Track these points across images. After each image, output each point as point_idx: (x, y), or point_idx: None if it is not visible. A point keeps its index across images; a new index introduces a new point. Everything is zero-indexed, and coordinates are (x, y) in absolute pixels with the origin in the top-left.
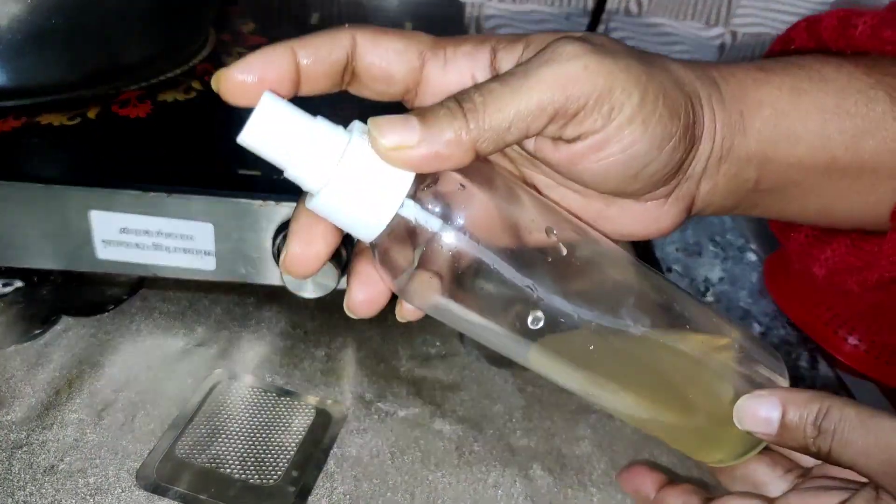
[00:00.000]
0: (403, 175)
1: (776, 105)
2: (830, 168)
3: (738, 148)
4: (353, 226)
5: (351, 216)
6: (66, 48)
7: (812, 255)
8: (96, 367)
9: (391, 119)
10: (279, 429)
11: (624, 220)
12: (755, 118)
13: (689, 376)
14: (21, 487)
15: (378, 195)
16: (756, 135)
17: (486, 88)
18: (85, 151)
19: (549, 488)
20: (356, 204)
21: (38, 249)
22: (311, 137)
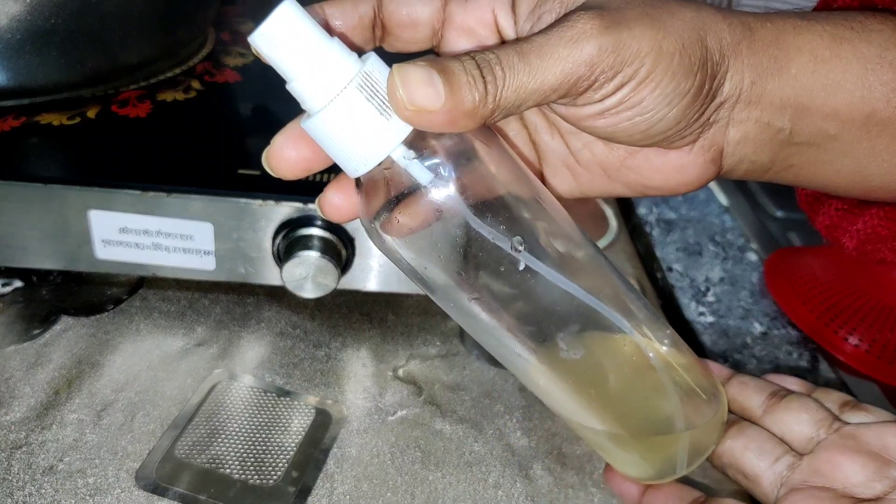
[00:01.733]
0: (401, 125)
1: (815, 51)
2: (869, 122)
3: (770, 93)
4: (341, 157)
5: (343, 147)
6: (66, 48)
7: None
8: (96, 367)
9: (417, 75)
10: (279, 429)
11: (646, 171)
12: (791, 63)
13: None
14: (20, 487)
15: (375, 133)
16: (792, 80)
17: (507, 62)
18: (84, 151)
19: (550, 488)
20: (351, 136)
21: (37, 249)
22: (323, 55)
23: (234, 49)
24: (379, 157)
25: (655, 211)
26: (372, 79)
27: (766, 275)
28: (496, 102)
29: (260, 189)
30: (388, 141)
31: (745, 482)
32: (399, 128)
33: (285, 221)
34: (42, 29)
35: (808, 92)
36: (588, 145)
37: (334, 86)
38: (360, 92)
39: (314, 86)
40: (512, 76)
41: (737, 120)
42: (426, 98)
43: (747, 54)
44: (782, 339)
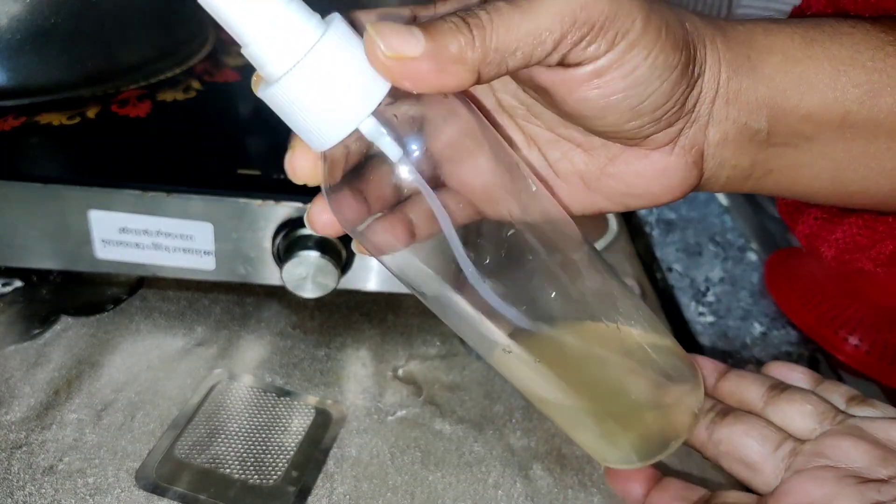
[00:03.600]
0: (374, 87)
1: (787, 52)
2: (844, 124)
3: (746, 91)
4: (304, 129)
5: (305, 119)
6: (66, 48)
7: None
8: (96, 366)
9: (394, 26)
10: (279, 429)
11: (628, 177)
12: (765, 63)
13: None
14: (20, 487)
15: (341, 103)
16: (766, 80)
17: (493, 7)
18: (84, 151)
19: (550, 488)
20: (314, 107)
21: (37, 249)
22: (283, 16)
23: (233, 49)
24: (349, 127)
25: (655, 211)
26: (340, 40)
27: (766, 275)
28: (486, 45)
29: (259, 189)
30: (359, 109)
31: (743, 471)
32: (368, 95)
33: (285, 221)
34: (42, 29)
35: (781, 92)
36: (567, 154)
37: (298, 48)
38: (324, 58)
39: (275, 49)
40: (500, 18)
41: (716, 119)
42: (404, 43)
43: (722, 49)
44: (782, 339)
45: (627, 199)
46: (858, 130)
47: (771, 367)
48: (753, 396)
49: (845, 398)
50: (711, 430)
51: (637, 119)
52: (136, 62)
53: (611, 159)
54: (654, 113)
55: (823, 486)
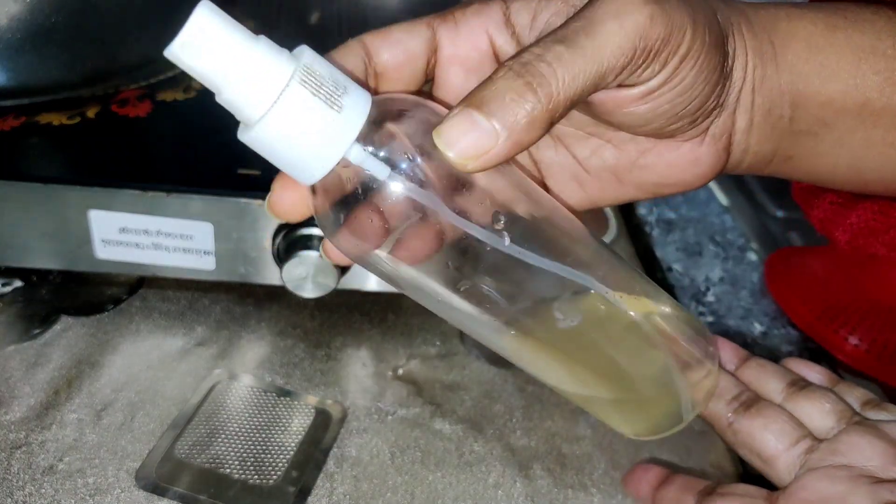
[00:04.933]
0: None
1: (809, 39)
2: (864, 111)
3: (770, 78)
4: (292, 165)
5: (293, 153)
6: (66, 47)
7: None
8: (95, 366)
9: (456, 126)
10: (279, 429)
11: (660, 168)
12: (787, 50)
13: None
14: (20, 487)
15: (323, 138)
16: (788, 67)
17: (551, 54)
18: (84, 151)
19: (550, 488)
20: (296, 145)
21: (37, 249)
22: (254, 57)
23: None
24: (336, 156)
25: (655, 211)
26: (313, 72)
27: (766, 275)
28: (555, 98)
29: (260, 189)
30: (344, 136)
31: (759, 463)
32: (352, 120)
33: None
34: (42, 28)
35: (803, 79)
36: (597, 151)
37: (273, 88)
38: (304, 87)
39: (250, 92)
40: (562, 66)
41: (743, 106)
42: (476, 141)
43: (748, 37)
44: (782, 338)
45: (659, 188)
46: (878, 118)
47: (790, 363)
48: (773, 389)
49: (861, 401)
50: (733, 419)
51: (679, 121)
52: (135, 62)
53: (642, 153)
54: (695, 113)
55: (836, 484)
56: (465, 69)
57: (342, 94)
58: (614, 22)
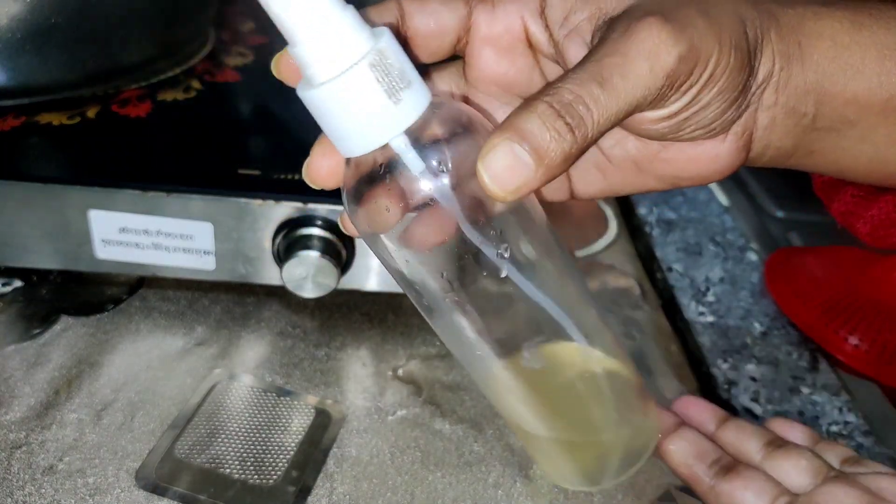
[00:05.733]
0: (408, 112)
1: (835, 37)
2: (888, 108)
3: (795, 78)
4: (338, 134)
5: (342, 125)
6: (66, 48)
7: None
8: (95, 366)
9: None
10: (279, 429)
11: (681, 163)
12: (814, 49)
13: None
14: (20, 487)
15: (379, 116)
16: (814, 66)
17: (589, 97)
18: (84, 151)
19: (549, 488)
20: (354, 116)
21: (37, 249)
22: (338, 23)
23: (234, 49)
24: (380, 141)
25: (656, 211)
26: (385, 58)
27: (766, 275)
28: (586, 137)
29: (260, 189)
30: (393, 126)
31: None
32: (406, 114)
33: (285, 221)
34: (42, 28)
35: (829, 77)
36: (620, 142)
37: (345, 59)
38: (372, 71)
39: (322, 55)
40: (597, 108)
41: (765, 104)
42: (519, 178)
43: (776, 41)
44: (782, 339)
45: (678, 180)
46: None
47: (772, 423)
48: (752, 449)
49: (840, 458)
50: (714, 482)
51: (699, 130)
52: (136, 62)
53: (664, 146)
54: (713, 124)
55: None
56: (497, 51)
57: (404, 88)
58: (646, 63)
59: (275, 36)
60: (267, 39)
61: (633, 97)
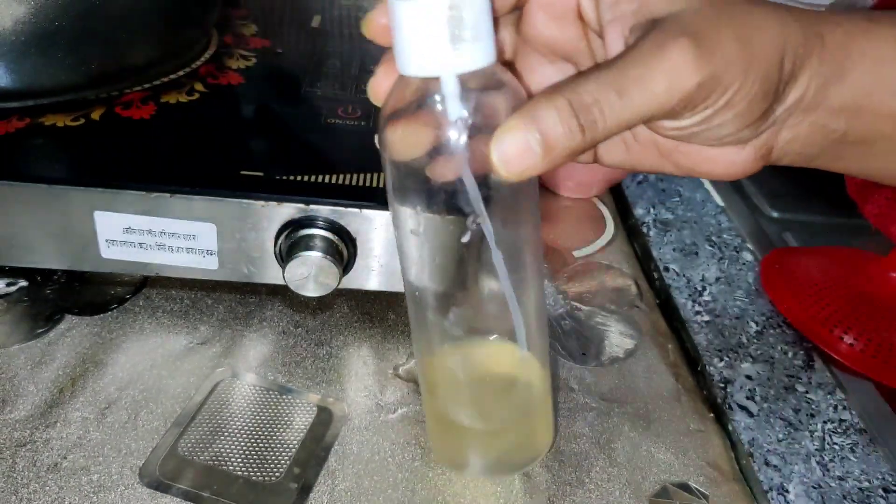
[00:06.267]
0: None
1: (879, 54)
2: None
3: (831, 98)
4: (402, 49)
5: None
6: (70, 50)
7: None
8: (100, 365)
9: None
10: (281, 426)
11: (699, 159)
12: (856, 69)
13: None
14: (25, 485)
15: (439, 53)
16: (853, 85)
17: (606, 103)
18: (89, 152)
19: (548, 485)
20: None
21: (42, 249)
22: None
23: (236, 51)
24: (431, 74)
25: (652, 211)
26: (459, 10)
27: (761, 274)
28: (595, 140)
29: (262, 190)
30: (446, 67)
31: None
32: (462, 62)
33: (287, 222)
34: (47, 31)
35: (867, 95)
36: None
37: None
38: (449, 10)
39: None
40: (612, 115)
41: (791, 123)
42: (526, 164)
43: (816, 65)
44: (778, 338)
45: (693, 172)
46: None
47: None
48: None
49: None
50: None
51: (712, 141)
52: (139, 65)
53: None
54: (726, 138)
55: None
56: (549, 16)
57: (469, 40)
58: (665, 80)
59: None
60: (269, 43)
61: (647, 110)
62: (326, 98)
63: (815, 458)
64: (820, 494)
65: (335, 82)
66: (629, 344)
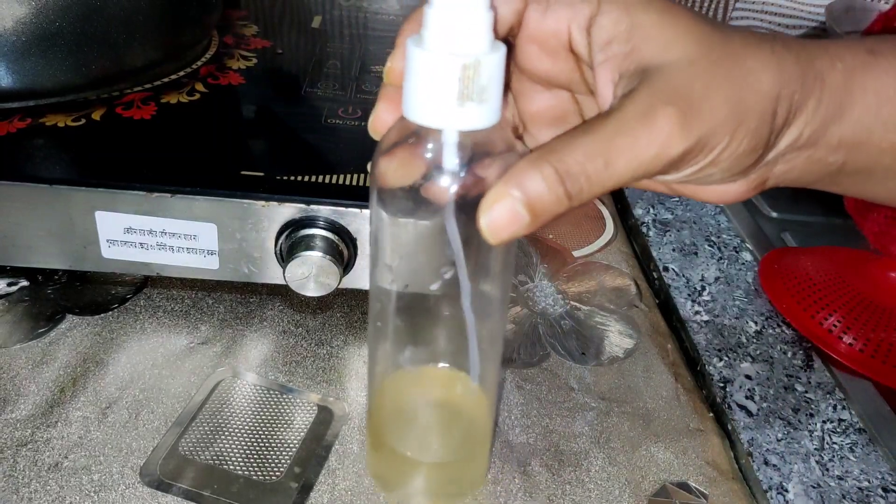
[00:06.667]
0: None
1: (880, 91)
2: None
3: (829, 136)
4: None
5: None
6: (71, 51)
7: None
8: (101, 365)
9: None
10: (282, 426)
11: (691, 189)
12: (855, 107)
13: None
14: (26, 484)
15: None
16: (853, 122)
17: (593, 170)
18: (89, 152)
19: (548, 484)
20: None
21: (43, 249)
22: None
23: (237, 52)
24: (434, 126)
25: (652, 212)
26: (479, 68)
27: (760, 274)
28: (581, 203)
29: (263, 190)
30: (450, 123)
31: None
32: (465, 121)
33: (288, 222)
34: (48, 32)
35: (866, 131)
36: None
37: (455, 44)
38: (462, 70)
39: (443, 27)
40: (598, 181)
41: (786, 158)
42: (513, 230)
43: (813, 107)
44: (777, 338)
45: (682, 194)
46: None
47: None
48: None
49: None
50: None
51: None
52: (140, 65)
53: None
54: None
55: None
56: (540, 50)
57: (473, 101)
58: (652, 150)
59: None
60: (269, 43)
61: (633, 176)
62: (326, 98)
63: (814, 458)
64: (819, 494)
65: (335, 83)
66: (629, 343)
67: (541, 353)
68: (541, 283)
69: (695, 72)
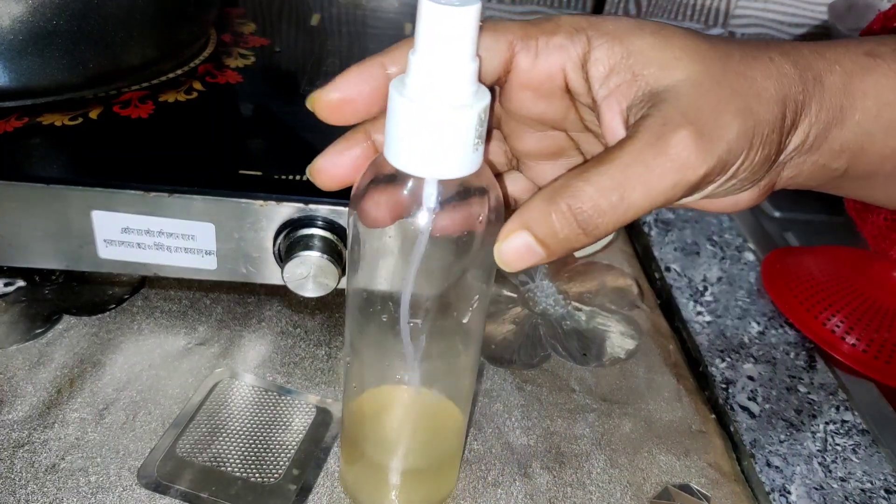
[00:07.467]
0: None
1: (880, 95)
2: None
3: (832, 140)
4: (393, 142)
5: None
6: (68, 49)
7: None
8: (98, 366)
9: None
10: (280, 427)
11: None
12: (856, 110)
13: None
14: (23, 486)
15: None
16: (854, 126)
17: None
18: (87, 152)
19: (549, 486)
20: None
21: (40, 249)
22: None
23: (235, 50)
24: (416, 174)
25: (654, 211)
26: (460, 120)
27: (763, 274)
28: (596, 239)
29: (261, 189)
30: (431, 173)
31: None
32: (447, 171)
33: (286, 222)
34: (44, 30)
35: (868, 136)
36: None
37: (438, 96)
38: (448, 124)
39: (432, 78)
40: (613, 215)
41: (792, 164)
42: (526, 262)
43: (815, 111)
44: (779, 338)
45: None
46: None
47: None
48: None
49: None
50: None
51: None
52: (137, 63)
53: None
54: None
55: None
56: (535, 94)
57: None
58: (669, 178)
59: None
60: (268, 41)
61: (653, 205)
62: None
63: (817, 459)
64: (822, 496)
65: None
66: (630, 344)
67: (541, 354)
68: (541, 284)
69: (700, 91)
